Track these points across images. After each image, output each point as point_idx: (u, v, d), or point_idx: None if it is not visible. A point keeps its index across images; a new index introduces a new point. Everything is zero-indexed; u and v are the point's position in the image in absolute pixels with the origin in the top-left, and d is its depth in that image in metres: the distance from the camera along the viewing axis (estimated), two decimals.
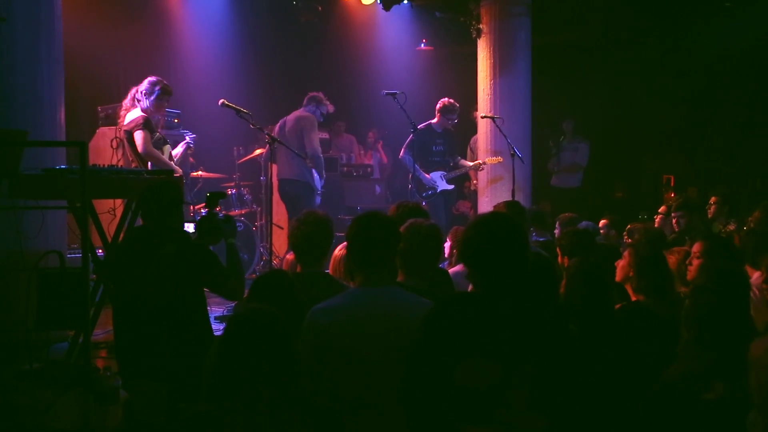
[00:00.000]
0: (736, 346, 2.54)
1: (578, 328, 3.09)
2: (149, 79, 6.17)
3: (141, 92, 6.12)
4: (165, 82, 6.23)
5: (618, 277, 3.70)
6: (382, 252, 2.88)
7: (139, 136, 5.95)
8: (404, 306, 2.79)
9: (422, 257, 3.28)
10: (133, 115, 6.06)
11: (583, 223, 5.95)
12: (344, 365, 2.77)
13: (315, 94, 7.58)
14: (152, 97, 6.11)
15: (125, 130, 6.07)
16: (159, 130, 6.23)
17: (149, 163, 5.92)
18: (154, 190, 3.86)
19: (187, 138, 6.72)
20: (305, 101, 7.56)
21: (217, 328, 4.27)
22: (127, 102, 6.14)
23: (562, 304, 3.29)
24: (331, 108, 7.58)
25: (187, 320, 3.61)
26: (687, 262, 4.13)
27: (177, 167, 6.24)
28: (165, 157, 6.14)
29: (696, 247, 4.11)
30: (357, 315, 2.78)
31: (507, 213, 4.87)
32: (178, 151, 6.61)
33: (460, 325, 2.35)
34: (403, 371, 2.44)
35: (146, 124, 6.00)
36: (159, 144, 6.13)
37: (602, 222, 6.50)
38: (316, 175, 7.46)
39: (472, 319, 2.35)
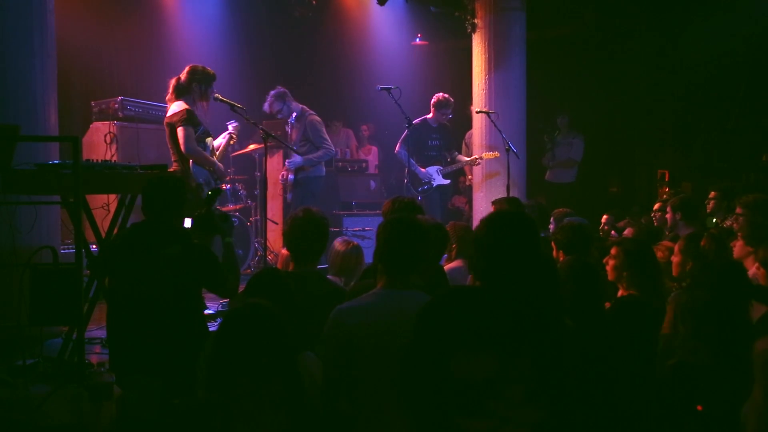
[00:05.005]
0: (733, 339, 2.54)
1: (573, 324, 3.10)
2: (189, 67, 5.83)
3: (183, 82, 5.77)
4: (206, 67, 5.87)
5: (610, 276, 3.72)
6: (410, 258, 2.89)
7: (180, 133, 5.61)
8: None
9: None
10: (175, 107, 5.72)
11: (573, 219, 5.93)
12: (370, 365, 2.76)
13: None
14: (195, 86, 5.75)
15: (167, 122, 5.75)
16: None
17: (191, 162, 5.67)
18: (158, 186, 3.80)
19: (229, 128, 6.38)
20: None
21: (210, 325, 4.26)
22: (168, 94, 5.81)
23: (560, 299, 3.29)
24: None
25: (183, 317, 3.60)
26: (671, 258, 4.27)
27: (220, 165, 5.99)
28: (207, 151, 5.86)
29: (678, 245, 4.28)
30: (384, 315, 2.77)
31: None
32: (219, 142, 6.29)
33: (457, 317, 2.33)
34: (400, 364, 2.42)
35: (189, 118, 5.65)
36: (202, 137, 5.81)
37: (605, 217, 6.58)
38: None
39: (468, 311, 2.33)
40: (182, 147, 5.63)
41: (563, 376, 2.28)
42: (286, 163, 7.49)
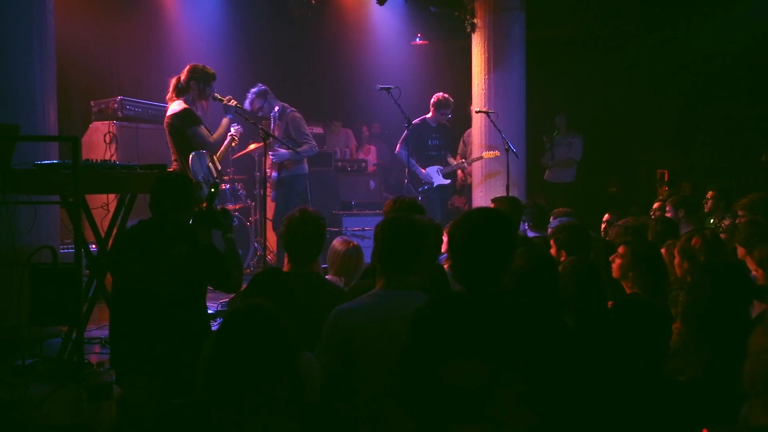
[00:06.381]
0: (735, 339, 2.53)
1: (573, 323, 3.09)
2: (189, 66, 5.91)
3: (182, 81, 5.86)
4: (207, 67, 5.97)
5: (615, 274, 3.71)
6: (409, 258, 2.89)
7: (196, 138, 5.78)
8: None
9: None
10: (174, 107, 5.82)
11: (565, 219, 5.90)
12: (370, 366, 2.76)
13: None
14: (193, 84, 5.86)
15: (167, 122, 5.84)
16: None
17: (189, 159, 5.75)
18: (167, 184, 3.79)
19: (231, 130, 6.41)
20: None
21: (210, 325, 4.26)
22: (169, 93, 5.92)
23: (559, 299, 3.29)
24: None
25: (187, 317, 3.59)
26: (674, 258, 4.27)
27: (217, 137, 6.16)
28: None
29: (678, 245, 4.28)
30: (384, 316, 2.78)
31: (504, 209, 4.89)
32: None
33: (447, 325, 2.34)
34: (396, 372, 2.43)
35: (192, 118, 5.79)
36: None
37: (606, 217, 6.59)
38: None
39: (459, 318, 2.34)
40: (207, 149, 5.88)
41: (561, 377, 2.28)
42: (270, 155, 7.37)
